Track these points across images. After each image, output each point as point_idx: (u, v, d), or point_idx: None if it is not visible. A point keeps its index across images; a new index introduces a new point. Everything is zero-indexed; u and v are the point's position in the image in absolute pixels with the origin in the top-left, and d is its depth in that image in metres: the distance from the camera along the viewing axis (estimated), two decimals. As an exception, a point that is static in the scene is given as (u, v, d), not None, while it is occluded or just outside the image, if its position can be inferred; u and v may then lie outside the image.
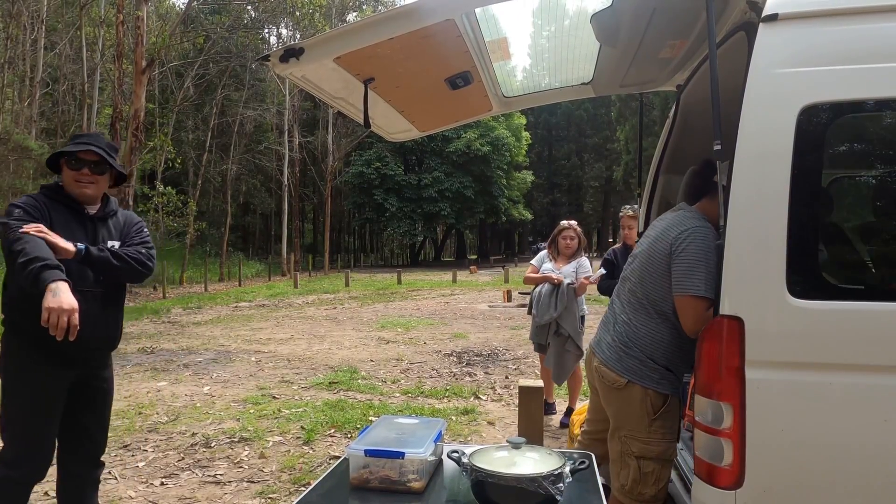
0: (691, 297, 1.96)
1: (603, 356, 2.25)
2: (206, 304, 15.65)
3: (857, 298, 1.77)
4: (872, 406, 1.68)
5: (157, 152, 23.28)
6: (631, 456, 2.14)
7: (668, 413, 2.13)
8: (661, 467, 2.13)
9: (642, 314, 2.16)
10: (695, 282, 1.96)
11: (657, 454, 2.12)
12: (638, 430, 2.13)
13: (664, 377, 2.12)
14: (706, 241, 2.00)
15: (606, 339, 2.29)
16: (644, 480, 2.13)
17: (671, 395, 2.12)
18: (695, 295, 1.95)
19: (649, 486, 2.12)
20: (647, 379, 2.12)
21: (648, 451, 2.12)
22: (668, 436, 2.13)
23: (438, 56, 2.57)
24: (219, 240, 30.78)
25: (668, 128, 3.24)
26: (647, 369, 2.13)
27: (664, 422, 2.12)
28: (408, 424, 1.88)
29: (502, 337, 9.51)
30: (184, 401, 5.70)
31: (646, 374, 2.13)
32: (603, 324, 2.37)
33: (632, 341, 2.17)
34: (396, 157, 38.10)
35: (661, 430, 2.12)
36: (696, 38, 2.60)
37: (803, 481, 1.73)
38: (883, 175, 1.98)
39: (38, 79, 23.51)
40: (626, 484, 2.16)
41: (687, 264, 2.00)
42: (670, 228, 2.13)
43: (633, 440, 2.14)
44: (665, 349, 2.12)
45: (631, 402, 2.15)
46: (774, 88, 1.73)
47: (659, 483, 2.13)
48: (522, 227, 58.74)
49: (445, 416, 5.08)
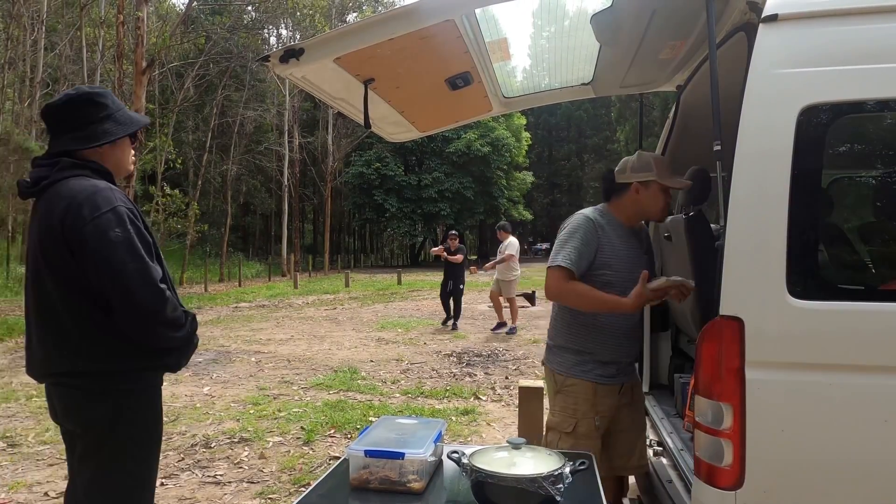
0: (550, 268, 2.30)
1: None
2: (206, 305, 15.65)
3: (858, 299, 1.77)
4: (872, 406, 1.68)
5: (158, 153, 23.28)
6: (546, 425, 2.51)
7: (566, 390, 2.40)
8: (559, 439, 2.37)
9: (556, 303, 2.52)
10: (556, 257, 2.29)
11: (555, 424, 2.41)
12: (551, 403, 2.49)
13: (564, 359, 2.42)
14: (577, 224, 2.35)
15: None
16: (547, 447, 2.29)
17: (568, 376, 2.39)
18: (551, 265, 2.29)
19: None
20: (550, 359, 2.49)
21: (551, 421, 2.45)
22: (567, 410, 2.38)
23: (438, 56, 2.57)
24: (219, 240, 30.78)
25: (667, 128, 3.24)
26: (552, 351, 2.49)
27: (565, 398, 2.40)
28: (408, 425, 1.88)
29: (502, 337, 9.51)
30: (184, 401, 5.70)
31: (550, 356, 2.50)
32: None
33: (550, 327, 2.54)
34: (396, 158, 38.09)
35: (562, 403, 2.40)
36: (696, 38, 2.60)
37: (803, 482, 1.72)
38: (883, 175, 1.98)
39: (39, 79, 23.52)
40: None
41: (558, 243, 2.34)
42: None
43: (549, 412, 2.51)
44: (562, 330, 2.44)
45: (547, 380, 2.56)
46: (774, 89, 1.73)
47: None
48: (522, 227, 58.74)
49: (445, 416, 5.08)
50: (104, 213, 1.70)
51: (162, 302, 1.73)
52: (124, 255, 1.68)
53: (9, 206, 17.57)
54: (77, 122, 1.83)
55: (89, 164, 1.83)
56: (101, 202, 1.71)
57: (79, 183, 1.75)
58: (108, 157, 1.88)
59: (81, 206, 1.70)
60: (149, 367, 1.83)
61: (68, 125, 1.83)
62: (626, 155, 2.59)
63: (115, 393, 1.77)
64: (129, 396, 1.79)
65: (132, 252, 1.70)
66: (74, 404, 1.78)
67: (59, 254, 1.72)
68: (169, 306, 1.76)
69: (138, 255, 1.71)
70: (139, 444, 1.82)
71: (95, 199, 1.71)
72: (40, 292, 1.79)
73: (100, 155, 1.86)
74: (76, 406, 1.78)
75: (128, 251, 1.69)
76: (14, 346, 9.02)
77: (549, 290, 2.31)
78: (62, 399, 1.80)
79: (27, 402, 5.70)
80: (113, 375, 1.77)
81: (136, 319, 1.73)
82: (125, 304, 1.71)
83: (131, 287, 1.68)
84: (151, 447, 1.87)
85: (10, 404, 5.66)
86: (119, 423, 1.77)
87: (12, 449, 4.42)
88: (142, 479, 1.85)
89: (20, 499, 3.56)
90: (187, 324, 1.85)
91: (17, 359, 8.05)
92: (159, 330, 1.76)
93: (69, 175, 1.77)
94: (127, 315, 1.73)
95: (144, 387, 1.84)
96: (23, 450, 4.39)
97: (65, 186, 1.75)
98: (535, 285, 18.75)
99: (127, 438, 1.78)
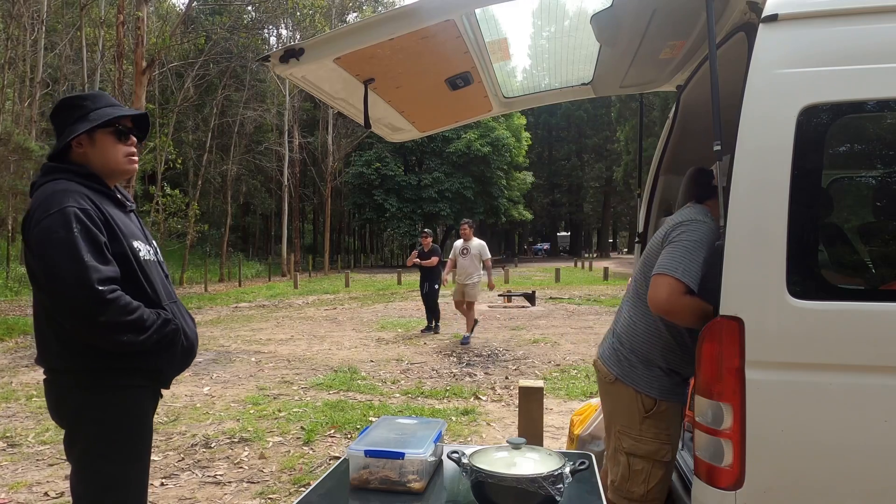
0: (664, 276, 1.91)
1: (601, 351, 2.29)
2: (205, 305, 15.65)
3: (857, 299, 1.77)
4: (872, 406, 1.68)
5: (158, 153, 23.29)
6: (622, 452, 2.13)
7: (660, 415, 2.09)
8: (652, 467, 2.10)
9: (642, 309, 2.13)
10: (675, 265, 1.91)
11: (647, 453, 2.09)
12: (629, 427, 2.12)
13: (656, 378, 2.09)
14: (700, 234, 1.96)
15: (609, 337, 2.30)
16: (633, 478, 2.11)
17: (660, 399, 2.08)
18: (669, 274, 1.90)
19: (638, 485, 2.10)
20: (636, 379, 2.11)
21: (638, 448, 2.10)
22: (661, 436, 2.09)
23: (439, 56, 2.57)
24: (219, 240, 30.79)
25: (668, 128, 3.24)
26: (638, 369, 2.11)
27: (657, 422, 2.09)
28: (408, 425, 1.88)
29: (502, 337, 9.51)
30: (184, 401, 5.70)
31: (635, 374, 2.11)
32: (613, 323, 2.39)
33: (627, 337, 2.16)
34: (396, 158, 38.09)
35: (654, 429, 2.09)
36: (696, 38, 2.60)
37: (803, 482, 1.72)
38: (883, 175, 1.98)
39: (39, 79, 23.53)
40: (615, 480, 2.16)
41: (674, 250, 1.95)
42: (672, 220, 2.13)
43: (625, 436, 2.13)
44: (662, 347, 2.09)
45: (620, 398, 2.15)
46: (774, 89, 1.73)
47: (649, 483, 2.10)
48: (522, 227, 58.77)
49: (445, 416, 5.08)
50: (51, 215, 1.69)
51: (98, 304, 1.66)
52: (60, 257, 1.66)
53: (9, 206, 17.56)
54: (59, 127, 1.88)
55: (71, 167, 1.83)
56: (51, 204, 1.70)
57: (47, 187, 1.78)
58: (91, 157, 1.86)
59: (35, 210, 1.72)
60: (113, 367, 1.80)
61: (56, 130, 1.89)
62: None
63: (78, 390, 1.79)
64: (92, 395, 1.79)
65: (70, 253, 1.66)
66: (50, 400, 1.84)
67: (28, 256, 1.78)
68: (111, 309, 1.68)
69: (76, 257, 1.65)
70: (110, 444, 1.80)
71: (48, 201, 1.71)
72: (34, 290, 1.84)
73: (83, 156, 1.86)
74: (52, 401, 1.84)
75: (65, 252, 1.66)
76: (14, 346, 9.02)
77: (659, 303, 1.93)
78: (46, 394, 1.87)
79: (27, 402, 5.70)
80: (76, 373, 1.79)
81: (71, 321, 1.70)
82: (55, 306, 1.71)
83: (61, 289, 1.66)
84: (129, 448, 1.84)
85: (10, 404, 5.66)
86: (84, 421, 1.79)
87: (12, 449, 4.42)
88: (118, 479, 1.82)
89: (20, 499, 3.56)
90: (153, 327, 1.78)
91: (17, 359, 8.05)
92: (103, 332, 1.71)
93: (47, 179, 1.80)
94: (61, 317, 1.72)
95: (109, 386, 1.80)
96: (23, 450, 4.39)
97: (38, 191, 1.79)
98: (536, 285, 18.80)
99: (95, 437, 1.79)
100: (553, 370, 6.99)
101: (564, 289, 18.81)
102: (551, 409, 5.24)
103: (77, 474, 1.83)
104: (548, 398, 5.41)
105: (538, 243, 62.71)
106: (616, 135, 40.55)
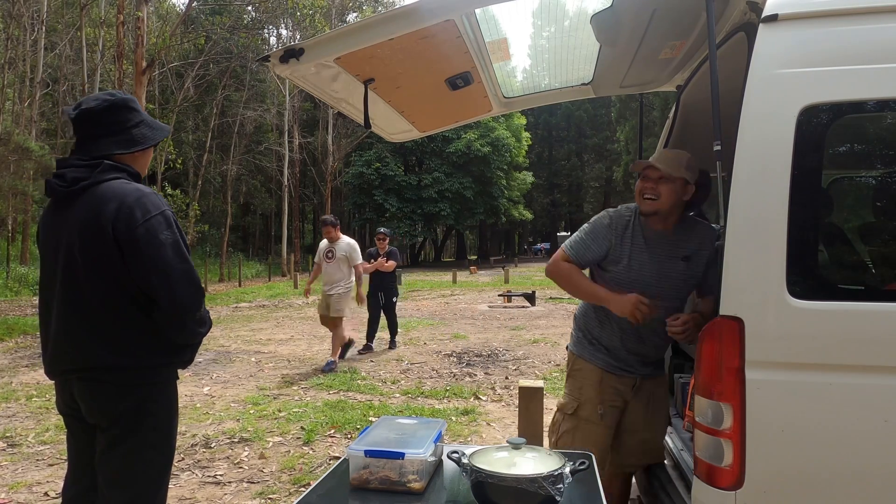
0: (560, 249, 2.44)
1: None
2: (206, 305, 15.62)
3: (857, 299, 1.77)
4: (872, 407, 1.68)
5: (158, 153, 23.28)
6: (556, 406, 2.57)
7: (575, 373, 2.47)
8: (563, 419, 2.45)
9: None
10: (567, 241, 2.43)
11: (560, 406, 2.50)
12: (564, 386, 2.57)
13: (578, 341, 2.49)
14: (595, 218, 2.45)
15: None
16: (552, 427, 2.53)
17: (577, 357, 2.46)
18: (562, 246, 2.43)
19: (553, 434, 2.52)
20: (570, 342, 2.57)
21: (559, 402, 2.52)
22: (573, 392, 2.45)
23: (438, 57, 2.57)
24: (219, 240, 30.79)
25: (668, 128, 3.24)
26: (573, 335, 2.57)
27: (574, 380, 2.47)
28: (408, 425, 1.88)
29: (502, 337, 9.51)
30: (184, 401, 5.69)
31: (571, 339, 2.57)
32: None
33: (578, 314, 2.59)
34: (396, 158, 38.07)
35: (569, 386, 2.49)
36: (696, 38, 2.60)
37: (803, 482, 1.72)
38: (883, 175, 1.98)
39: (39, 79, 23.54)
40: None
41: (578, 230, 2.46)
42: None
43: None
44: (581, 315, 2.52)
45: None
46: (774, 89, 1.73)
47: (557, 433, 2.47)
48: (522, 227, 58.75)
49: (445, 416, 5.08)
50: (154, 216, 1.82)
51: (201, 299, 1.89)
52: (173, 257, 1.81)
53: (9, 206, 17.55)
54: (117, 127, 1.93)
55: (126, 167, 1.93)
56: (150, 206, 1.83)
57: (123, 186, 1.85)
58: (139, 160, 2.00)
59: (133, 209, 1.80)
60: (170, 362, 1.95)
61: (107, 129, 1.92)
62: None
63: (143, 386, 1.88)
64: (154, 389, 1.91)
65: (179, 254, 1.83)
66: (103, 398, 1.85)
67: (106, 253, 1.81)
68: (203, 304, 1.93)
69: (184, 257, 1.84)
70: (160, 434, 1.92)
71: (145, 202, 1.83)
72: (74, 288, 1.85)
73: (133, 159, 1.97)
74: (105, 399, 1.85)
75: (176, 253, 1.82)
76: (14, 346, 9.02)
77: (547, 267, 2.44)
78: (90, 393, 1.86)
79: (27, 402, 5.70)
80: (142, 370, 1.88)
81: (177, 317, 1.86)
82: (171, 303, 1.83)
83: (178, 287, 1.82)
84: (170, 437, 1.98)
85: (10, 404, 5.66)
86: (144, 415, 1.88)
87: (12, 449, 4.42)
88: (162, 466, 1.95)
89: (20, 499, 3.57)
90: (209, 321, 2.01)
91: (17, 359, 8.05)
92: (193, 326, 1.91)
93: (111, 178, 1.86)
94: (171, 312, 1.85)
95: (166, 380, 1.95)
96: (23, 450, 4.39)
97: (108, 189, 1.84)
98: (536, 285, 18.78)
99: (150, 429, 1.89)
100: (553, 370, 6.99)
101: (564, 289, 18.73)
102: (551, 409, 5.22)
103: (125, 470, 1.87)
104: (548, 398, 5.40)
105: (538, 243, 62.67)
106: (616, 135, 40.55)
